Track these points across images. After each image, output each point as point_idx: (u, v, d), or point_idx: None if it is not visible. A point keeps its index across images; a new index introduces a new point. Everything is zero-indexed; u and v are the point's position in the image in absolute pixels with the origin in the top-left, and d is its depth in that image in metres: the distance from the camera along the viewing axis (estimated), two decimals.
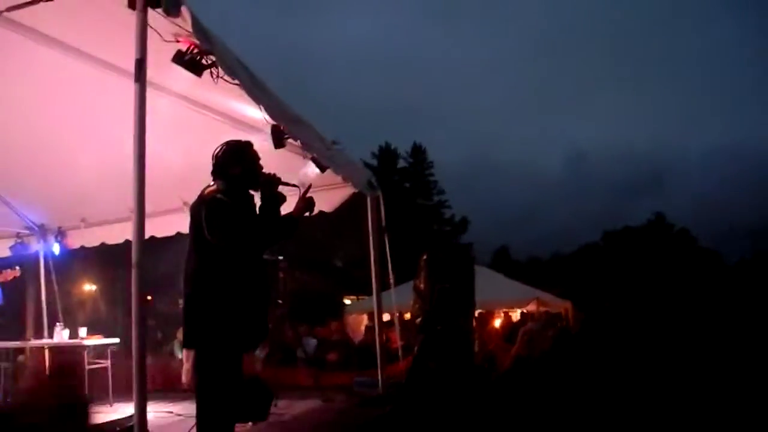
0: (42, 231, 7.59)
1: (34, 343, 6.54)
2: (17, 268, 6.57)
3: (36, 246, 7.65)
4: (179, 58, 3.61)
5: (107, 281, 14.15)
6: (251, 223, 3.37)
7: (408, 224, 31.00)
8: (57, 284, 7.87)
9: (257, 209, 3.53)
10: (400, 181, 41.92)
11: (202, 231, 3.25)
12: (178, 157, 5.24)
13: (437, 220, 41.77)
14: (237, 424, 5.31)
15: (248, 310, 3.31)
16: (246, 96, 4.09)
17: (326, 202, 7.13)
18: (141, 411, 2.62)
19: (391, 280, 6.96)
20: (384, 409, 5.71)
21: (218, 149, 3.52)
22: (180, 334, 10.48)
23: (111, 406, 6.41)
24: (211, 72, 3.73)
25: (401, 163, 43.59)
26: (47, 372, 6.30)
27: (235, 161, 3.48)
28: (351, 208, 7.25)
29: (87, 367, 6.39)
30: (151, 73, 4.27)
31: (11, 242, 7.64)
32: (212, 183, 3.46)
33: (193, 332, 3.28)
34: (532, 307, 13.82)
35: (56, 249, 7.59)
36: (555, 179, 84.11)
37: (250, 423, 5.40)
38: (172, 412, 5.93)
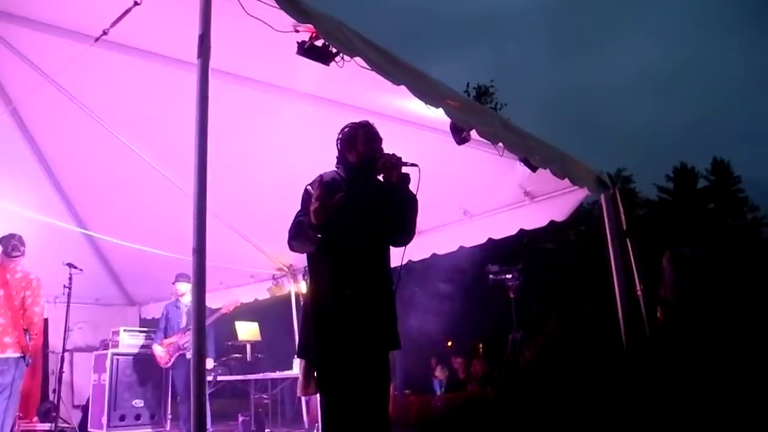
0: (291, 271, 8.11)
1: (269, 375, 6.90)
2: (237, 298, 7.05)
3: (288, 285, 8.18)
4: (301, 49, 3.44)
5: None
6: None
7: (717, 246, 27.25)
8: None
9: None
10: (702, 203, 37.33)
11: None
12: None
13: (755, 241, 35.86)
14: None
15: (339, 321, 2.81)
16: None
17: (554, 209, 6.34)
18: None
19: (639, 293, 5.79)
20: None
21: (338, 135, 3.23)
22: (438, 371, 10.32)
23: None
24: (336, 61, 3.48)
25: (701, 183, 38.89)
26: None
27: (350, 147, 3.14)
28: None
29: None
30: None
31: (269, 285, 8.33)
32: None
33: (299, 340, 3.05)
34: None
35: (304, 287, 8.03)
36: None
37: None
38: None
